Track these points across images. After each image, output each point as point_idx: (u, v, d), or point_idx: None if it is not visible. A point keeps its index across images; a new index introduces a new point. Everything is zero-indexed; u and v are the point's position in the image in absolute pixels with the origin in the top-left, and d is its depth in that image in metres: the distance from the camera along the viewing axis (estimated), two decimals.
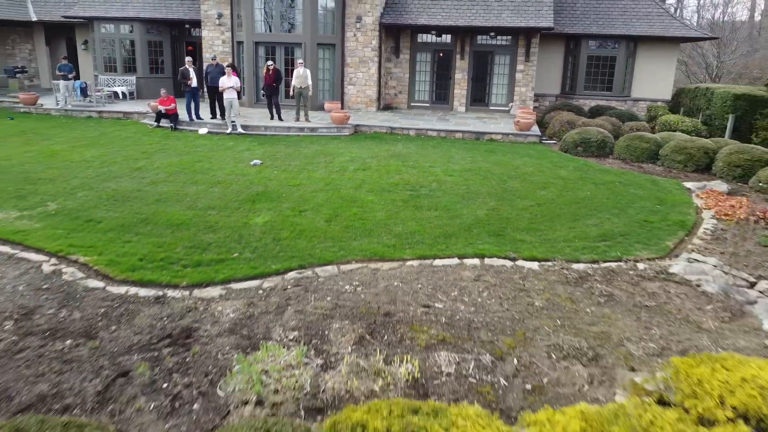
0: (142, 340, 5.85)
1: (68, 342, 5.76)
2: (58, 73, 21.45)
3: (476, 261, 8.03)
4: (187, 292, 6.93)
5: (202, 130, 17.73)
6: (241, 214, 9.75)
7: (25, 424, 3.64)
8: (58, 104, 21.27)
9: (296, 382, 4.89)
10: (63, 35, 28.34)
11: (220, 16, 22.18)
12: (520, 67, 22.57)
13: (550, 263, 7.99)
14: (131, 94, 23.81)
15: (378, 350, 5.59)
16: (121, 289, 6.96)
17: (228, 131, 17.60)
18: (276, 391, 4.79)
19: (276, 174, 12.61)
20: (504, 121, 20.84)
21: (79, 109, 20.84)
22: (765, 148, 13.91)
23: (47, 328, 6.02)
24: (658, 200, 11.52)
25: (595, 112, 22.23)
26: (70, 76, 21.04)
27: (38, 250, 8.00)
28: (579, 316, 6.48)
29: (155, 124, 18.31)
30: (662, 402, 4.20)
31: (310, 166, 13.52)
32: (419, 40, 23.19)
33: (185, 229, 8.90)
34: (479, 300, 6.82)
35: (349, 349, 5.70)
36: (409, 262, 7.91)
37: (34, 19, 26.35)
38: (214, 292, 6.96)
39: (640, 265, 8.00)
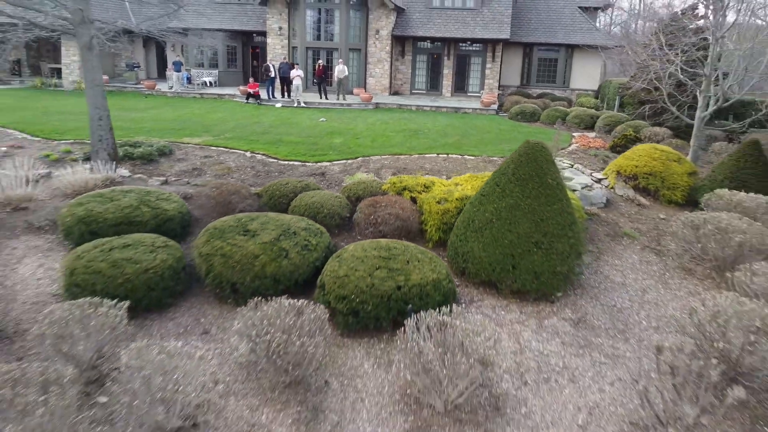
0: (305, 173, 13.44)
1: (275, 174, 13.35)
2: (170, 66, 28.89)
3: (445, 155, 15.60)
4: (314, 164, 14.48)
5: (278, 105, 25.29)
6: (326, 139, 17.32)
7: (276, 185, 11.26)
8: (171, 89, 28.74)
9: (371, 182, 12.48)
10: (153, 39, 35.63)
11: (280, 28, 29.60)
12: (488, 65, 30.01)
13: (479, 157, 15.55)
14: (215, 82, 31.27)
15: (402, 176, 13.20)
16: (285, 162, 14.53)
17: (294, 105, 25.13)
18: (361, 182, 12.38)
19: (336, 124, 20.18)
20: (476, 102, 28.33)
21: (186, 92, 28.33)
22: (625, 115, 21.42)
23: (264, 171, 13.62)
24: (551, 139, 19.02)
25: (540, 98, 29.67)
26: (181, 68, 28.51)
27: (237, 149, 15.56)
28: (486, 167, 14.05)
29: (246, 101, 25.82)
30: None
31: (353, 121, 21.08)
32: (418, 46, 30.64)
33: (301, 145, 16.45)
34: (444, 165, 14.40)
35: (390, 176, 13.27)
36: (412, 155, 15.47)
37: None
38: (326, 163, 14.53)
39: None
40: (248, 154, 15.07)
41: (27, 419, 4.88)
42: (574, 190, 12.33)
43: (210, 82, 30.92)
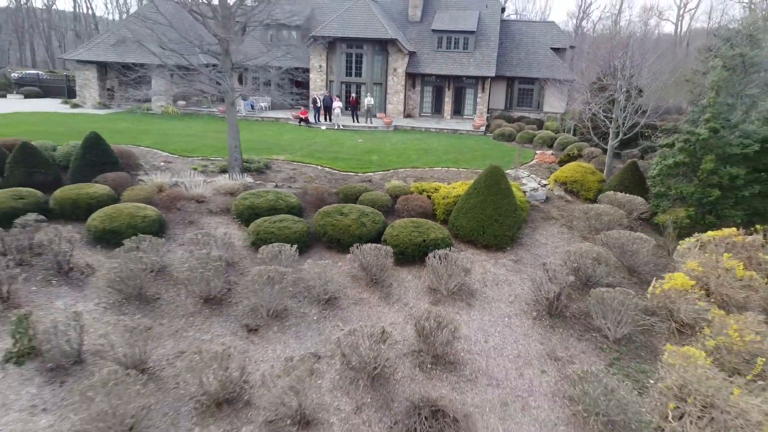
0: (358, 180, 20.22)
1: (340, 181, 20.15)
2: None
3: (446, 168, 22.33)
4: (363, 174, 21.21)
5: (323, 127, 32.10)
6: (366, 156, 24.07)
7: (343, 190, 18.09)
8: (239, 113, 35.48)
9: (403, 186, 19.27)
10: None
11: (320, 66, 36.36)
12: (479, 95, 36.72)
13: (469, 170, 22.29)
14: (268, 107, 38.07)
15: (420, 182, 20.01)
16: (344, 173, 21.29)
17: (335, 128, 31.91)
18: (396, 186, 19.18)
19: (370, 144, 26.96)
20: (469, 123, 35.05)
21: (250, 115, 35.13)
22: (575, 137, 28.10)
23: (333, 179, 20.44)
24: (521, 155, 25.78)
25: (519, 119, 36.39)
26: (247, 96, 35.32)
27: (310, 164, 22.32)
28: (472, 177, 20.82)
29: (298, 123, 32.62)
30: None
31: (381, 142, 27.84)
32: (426, 79, 37.37)
33: (351, 161, 23.18)
34: (446, 175, 21.17)
35: (412, 182, 20.02)
36: (425, 168, 22.21)
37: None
38: (371, 174, 21.27)
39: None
40: (319, 167, 21.84)
41: (267, 289, 11.73)
42: (525, 192, 19.08)
43: (265, 107, 37.71)
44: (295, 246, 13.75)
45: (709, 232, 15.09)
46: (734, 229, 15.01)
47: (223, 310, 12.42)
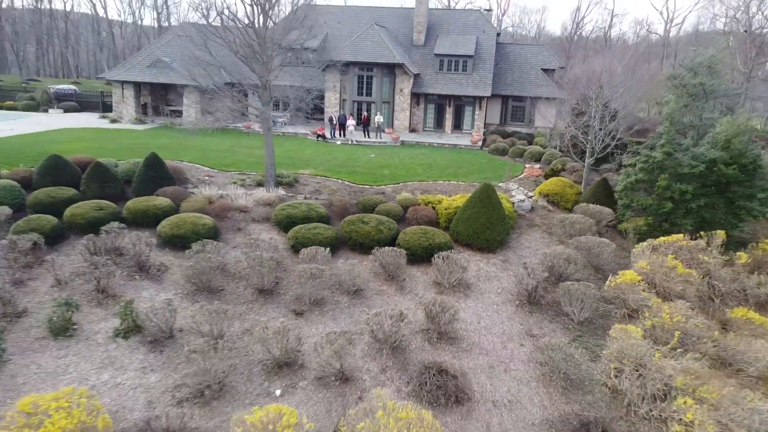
0: (373, 192, 23.31)
1: (358, 193, 23.26)
2: None
3: (448, 182, 25.40)
4: (377, 187, 24.29)
5: (338, 142, 35.22)
6: (379, 170, 27.15)
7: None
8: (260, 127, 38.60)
9: (412, 198, 22.37)
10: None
11: (335, 86, 39.48)
12: (477, 112, 39.80)
13: (467, 183, 25.36)
14: (286, 122, 41.17)
15: (426, 195, 23.12)
16: (361, 186, 24.37)
17: (349, 143, 35.03)
18: (406, 198, 22.29)
19: (381, 159, 30.04)
20: (467, 138, 38.11)
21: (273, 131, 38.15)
22: (559, 152, 31.13)
23: (352, 191, 23.54)
24: (512, 168, 28.86)
25: (512, 134, 39.43)
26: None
27: (331, 177, 25.41)
28: (470, 189, 23.91)
29: (316, 139, 35.74)
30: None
31: (390, 157, 30.91)
32: (429, 98, 40.47)
33: (366, 175, 26.24)
34: (447, 188, 24.24)
35: (419, 194, 23.11)
36: (430, 182, 25.30)
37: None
38: (384, 187, 24.35)
39: (494, 183, 25.43)
40: (339, 181, 24.92)
41: (309, 282, 14.86)
42: (513, 203, 22.13)
43: (284, 123, 40.83)
44: (328, 249, 16.85)
45: (661, 238, 18.16)
46: (681, 235, 18.08)
47: (274, 299, 15.54)
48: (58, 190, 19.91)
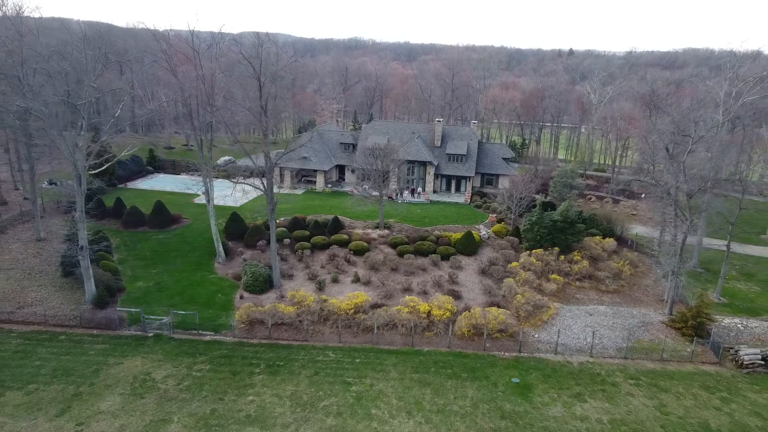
0: (420, 229, 45.66)
1: (415, 229, 45.66)
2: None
3: (453, 224, 47.59)
4: (423, 228, 46.51)
5: (399, 201, 57.74)
6: (421, 219, 49.61)
7: None
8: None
9: (440, 234, 44.66)
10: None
11: (394, 171, 62.00)
12: (468, 182, 62.02)
13: (462, 225, 47.44)
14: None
15: (443, 230, 45.51)
16: (416, 227, 46.71)
17: (403, 202, 57.48)
18: (438, 235, 44.64)
19: (422, 213, 52.43)
20: (462, 198, 60.19)
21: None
22: (503, 207, 53.24)
23: (410, 229, 46.02)
24: (481, 218, 50.91)
25: (486, 194, 61.32)
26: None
27: (403, 223, 47.69)
28: (462, 230, 46.16)
29: (388, 199, 58.21)
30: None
31: (425, 210, 53.22)
32: (443, 176, 62.81)
33: (416, 221, 48.62)
34: (453, 228, 46.46)
35: (438, 228, 45.37)
36: (445, 225, 47.49)
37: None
38: (426, 227, 46.59)
39: (473, 224, 47.56)
40: (407, 225, 47.05)
41: (410, 265, 37.49)
42: (480, 235, 44.23)
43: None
44: (411, 255, 39.30)
45: (535, 250, 40.23)
46: (542, 249, 40.12)
47: (396, 273, 38.09)
48: (302, 231, 42.84)
